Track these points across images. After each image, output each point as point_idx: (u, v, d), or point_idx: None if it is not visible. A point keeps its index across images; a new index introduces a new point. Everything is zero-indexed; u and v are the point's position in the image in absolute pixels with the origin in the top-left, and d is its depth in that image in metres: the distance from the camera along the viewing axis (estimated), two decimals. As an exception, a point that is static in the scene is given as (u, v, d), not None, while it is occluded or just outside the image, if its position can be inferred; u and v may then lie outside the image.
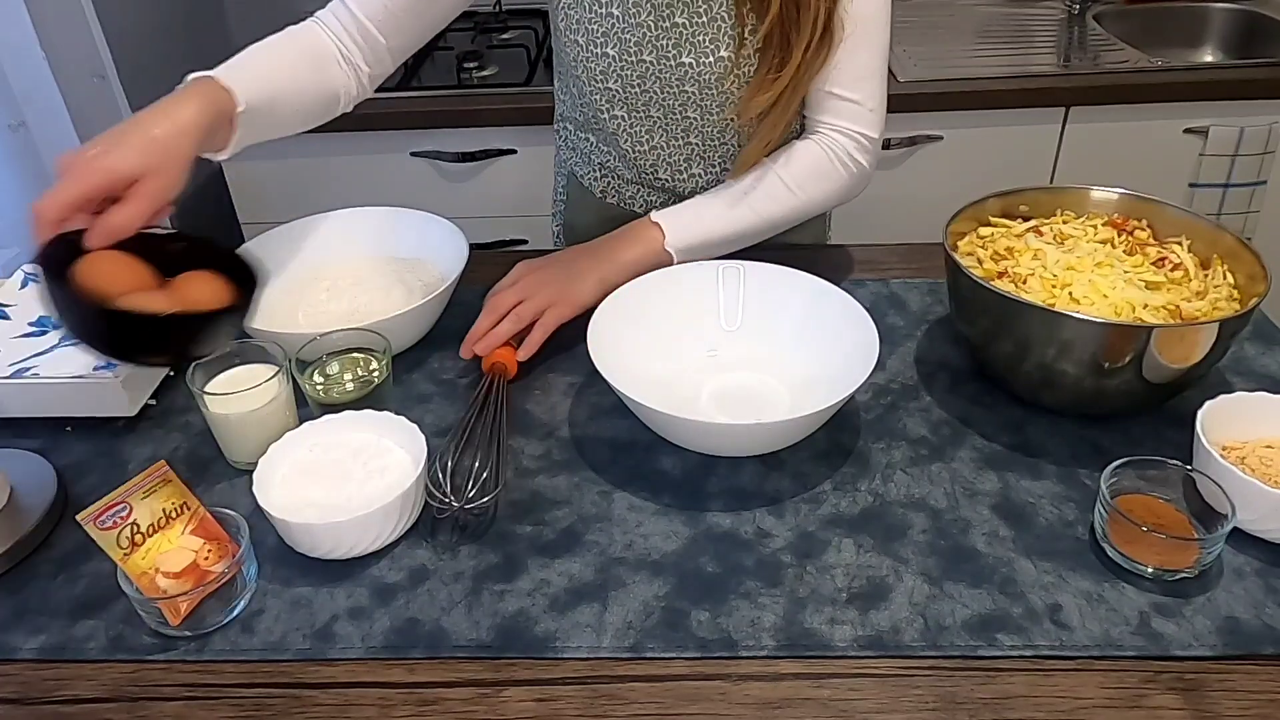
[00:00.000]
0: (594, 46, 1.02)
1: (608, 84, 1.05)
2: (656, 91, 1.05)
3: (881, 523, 0.81)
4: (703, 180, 1.14)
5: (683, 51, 1.01)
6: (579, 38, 1.03)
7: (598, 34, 1.02)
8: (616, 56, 1.02)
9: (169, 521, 0.75)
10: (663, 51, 1.01)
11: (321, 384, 0.92)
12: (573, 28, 1.02)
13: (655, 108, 1.07)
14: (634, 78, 1.03)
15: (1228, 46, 2.14)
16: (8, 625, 0.75)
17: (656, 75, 1.03)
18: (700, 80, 1.02)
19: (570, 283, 0.99)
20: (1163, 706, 0.66)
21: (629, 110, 1.08)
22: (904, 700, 0.67)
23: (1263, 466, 0.79)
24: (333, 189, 1.91)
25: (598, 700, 0.68)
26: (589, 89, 1.07)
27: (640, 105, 1.07)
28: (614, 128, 1.10)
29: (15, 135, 1.67)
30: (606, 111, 1.08)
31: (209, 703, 0.69)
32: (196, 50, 2.13)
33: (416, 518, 0.82)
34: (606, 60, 1.03)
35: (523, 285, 0.99)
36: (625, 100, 1.06)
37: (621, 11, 1.00)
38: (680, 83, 1.03)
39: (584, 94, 1.09)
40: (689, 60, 1.01)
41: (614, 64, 1.02)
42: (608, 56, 1.02)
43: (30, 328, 1.00)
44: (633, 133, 1.10)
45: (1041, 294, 0.88)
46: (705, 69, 1.01)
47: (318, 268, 1.12)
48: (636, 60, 1.02)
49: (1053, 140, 1.86)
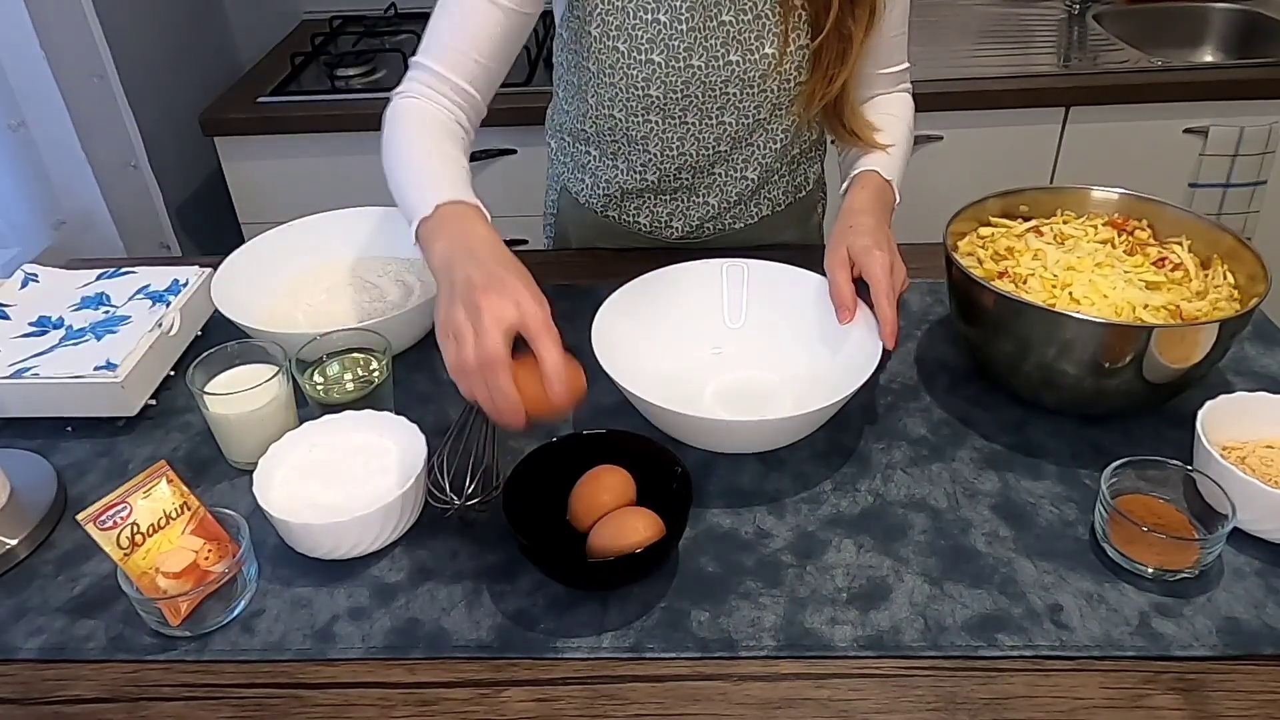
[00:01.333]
0: (637, 54, 1.01)
1: (649, 90, 1.03)
2: (697, 96, 1.04)
3: (882, 523, 0.81)
4: (721, 181, 1.14)
5: (730, 50, 1.01)
6: (619, 44, 1.01)
7: (643, 40, 1.00)
8: (663, 63, 1.01)
9: (169, 521, 0.75)
10: (711, 52, 1.01)
11: (321, 384, 0.92)
12: (612, 34, 1.01)
13: (692, 113, 1.06)
14: (678, 83, 1.03)
15: (1228, 46, 2.14)
16: (8, 625, 0.75)
17: (702, 80, 1.03)
18: (744, 79, 1.03)
19: (895, 253, 0.97)
20: (1163, 706, 0.66)
21: (664, 116, 1.07)
22: (904, 700, 0.67)
23: (1263, 466, 0.79)
24: (333, 189, 1.90)
25: (598, 700, 0.68)
26: (624, 95, 1.05)
27: (677, 112, 1.06)
28: (644, 132, 1.09)
29: (15, 135, 1.67)
30: (640, 117, 1.07)
31: (209, 703, 0.69)
32: (197, 50, 2.14)
33: (416, 518, 0.82)
34: (651, 66, 1.01)
35: (882, 266, 0.92)
36: (663, 107, 1.05)
37: (669, 18, 0.99)
38: (724, 84, 1.03)
39: (614, 101, 1.06)
40: (736, 59, 1.01)
41: (659, 70, 1.02)
42: (653, 63, 1.01)
43: (30, 328, 1.00)
44: (664, 139, 1.09)
45: (1042, 294, 0.88)
46: (751, 66, 1.02)
47: (318, 268, 1.12)
48: (684, 65, 1.01)
49: (1053, 140, 1.86)
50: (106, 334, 0.98)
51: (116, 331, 0.98)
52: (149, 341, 0.97)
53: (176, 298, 1.04)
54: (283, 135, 1.88)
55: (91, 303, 1.04)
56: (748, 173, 1.13)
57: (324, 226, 1.14)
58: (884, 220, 1.00)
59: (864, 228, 0.96)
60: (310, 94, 1.91)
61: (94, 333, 0.98)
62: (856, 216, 0.99)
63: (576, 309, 1.09)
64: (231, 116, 1.88)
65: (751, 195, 1.16)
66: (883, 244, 0.94)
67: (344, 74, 1.96)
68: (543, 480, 0.80)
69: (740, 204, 1.17)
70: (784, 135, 1.11)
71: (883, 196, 1.03)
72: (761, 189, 1.16)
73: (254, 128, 1.87)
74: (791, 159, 1.16)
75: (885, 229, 0.98)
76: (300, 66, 2.01)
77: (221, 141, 1.89)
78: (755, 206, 1.18)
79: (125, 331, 0.98)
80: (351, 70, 1.97)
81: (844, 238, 0.96)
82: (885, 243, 0.95)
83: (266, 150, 1.90)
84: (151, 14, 1.95)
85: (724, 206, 1.16)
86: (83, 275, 1.09)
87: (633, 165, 1.13)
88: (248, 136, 1.89)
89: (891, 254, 0.94)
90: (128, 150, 1.84)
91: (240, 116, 1.87)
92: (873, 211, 1.00)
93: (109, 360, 0.93)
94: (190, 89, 2.05)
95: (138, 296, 1.04)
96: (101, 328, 0.99)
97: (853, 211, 1.00)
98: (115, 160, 1.83)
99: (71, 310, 1.03)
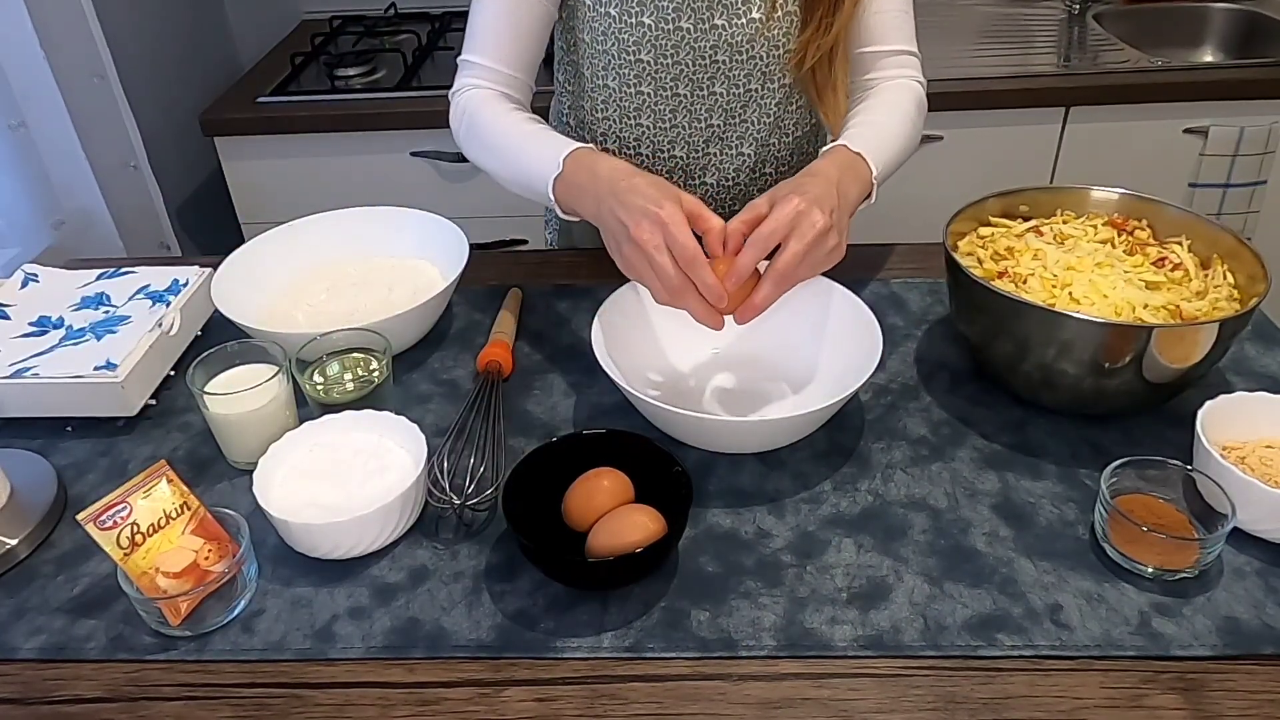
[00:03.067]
0: (628, 17, 1.03)
1: (640, 55, 1.05)
2: (687, 64, 1.05)
3: (881, 523, 0.81)
4: (716, 160, 1.14)
5: (715, 13, 1.02)
6: (611, 9, 1.03)
7: (633, 3, 1.02)
8: (653, 25, 1.02)
9: (169, 521, 0.75)
10: (699, 15, 1.02)
11: (321, 384, 0.92)
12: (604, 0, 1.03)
13: (684, 83, 1.07)
14: (668, 47, 1.04)
15: (1228, 46, 2.13)
16: (8, 625, 0.75)
17: (690, 45, 1.03)
18: (731, 44, 1.03)
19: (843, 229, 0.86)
20: (1163, 706, 0.66)
21: (656, 87, 1.08)
22: (904, 700, 0.67)
23: (1263, 466, 0.79)
24: (333, 189, 1.91)
25: (598, 700, 0.68)
26: (619, 62, 1.07)
27: (669, 80, 1.07)
28: (637, 104, 1.10)
29: (15, 135, 1.67)
30: (633, 87, 1.09)
31: (209, 703, 0.69)
32: (197, 50, 2.14)
33: (416, 518, 0.82)
34: (642, 29, 1.03)
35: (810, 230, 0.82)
36: (654, 75, 1.07)
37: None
38: (713, 50, 1.04)
39: (609, 73, 1.08)
40: (721, 22, 1.02)
41: (649, 33, 1.03)
42: (643, 25, 1.03)
43: (30, 328, 1.00)
44: (656, 110, 1.10)
45: (1041, 294, 0.88)
46: (737, 30, 1.03)
47: (318, 268, 1.12)
48: (674, 28, 1.03)
49: (1053, 140, 1.86)
50: (106, 334, 0.98)
51: (116, 331, 0.98)
52: (149, 341, 0.97)
53: (176, 298, 1.04)
54: (283, 135, 1.88)
55: (91, 303, 1.04)
56: (744, 148, 1.14)
57: (324, 226, 1.14)
58: (839, 188, 0.87)
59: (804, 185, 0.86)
60: (310, 94, 1.91)
61: (94, 333, 0.98)
62: (804, 176, 0.88)
63: (576, 309, 1.09)
64: (231, 116, 1.88)
65: (750, 176, 1.16)
66: (813, 199, 0.82)
67: (344, 74, 1.96)
68: (543, 480, 0.80)
69: (739, 185, 1.17)
70: (776, 109, 1.11)
71: (850, 169, 0.91)
72: (760, 167, 1.16)
73: (254, 128, 1.87)
74: (793, 140, 1.16)
75: (833, 194, 0.85)
76: (300, 66, 2.01)
77: (221, 141, 1.89)
78: (756, 190, 1.18)
79: (125, 331, 0.98)
80: (351, 70, 1.97)
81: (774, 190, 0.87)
82: (820, 201, 0.83)
83: (266, 150, 1.90)
84: (151, 14, 1.95)
85: (723, 186, 1.17)
86: (83, 275, 1.09)
87: (625, 142, 1.14)
88: (248, 136, 1.89)
89: (823, 215, 0.82)
90: (128, 150, 1.84)
91: (240, 116, 1.87)
92: (828, 176, 0.88)
93: (109, 360, 0.93)
94: (190, 89, 2.05)
95: (138, 296, 1.04)
96: (101, 328, 0.99)
97: (805, 172, 0.90)
98: (115, 160, 1.83)
99: (71, 310, 1.03)
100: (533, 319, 1.08)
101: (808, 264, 0.83)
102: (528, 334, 1.06)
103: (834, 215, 0.84)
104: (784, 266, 0.82)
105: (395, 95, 1.88)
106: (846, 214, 0.88)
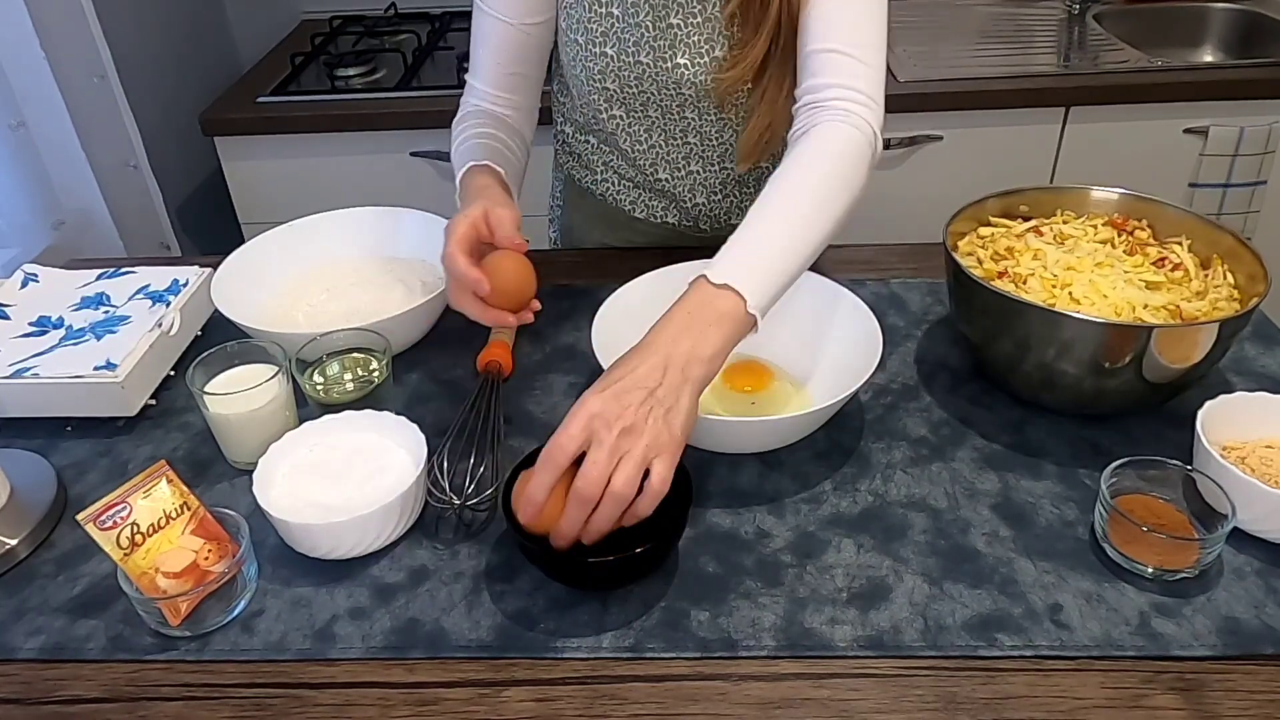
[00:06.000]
0: (593, 46, 1.03)
1: (605, 84, 1.05)
2: (654, 93, 1.05)
3: (881, 523, 0.81)
4: (701, 177, 1.14)
5: (678, 53, 1.01)
6: (578, 36, 1.03)
7: (597, 33, 1.02)
8: (615, 56, 1.02)
9: (169, 521, 0.75)
10: (659, 53, 1.01)
11: (321, 384, 0.92)
12: (573, 26, 1.03)
13: (653, 108, 1.07)
14: (631, 78, 1.04)
15: (1228, 46, 2.13)
16: (8, 625, 0.75)
17: (653, 77, 1.03)
18: (696, 82, 1.02)
19: (667, 414, 0.70)
20: (1163, 706, 0.66)
21: (627, 110, 1.08)
22: (904, 700, 0.67)
23: (1263, 466, 0.79)
24: (333, 189, 1.90)
25: (598, 700, 0.68)
26: (587, 88, 1.07)
27: (638, 105, 1.07)
28: (613, 127, 1.10)
29: (15, 135, 1.67)
30: (605, 111, 1.09)
31: (209, 703, 0.69)
32: (197, 50, 2.14)
33: (416, 518, 0.82)
34: (605, 60, 1.03)
35: (606, 434, 0.68)
36: (623, 100, 1.07)
37: (621, 11, 1.00)
38: (677, 85, 1.03)
39: (582, 94, 1.09)
40: (684, 61, 1.01)
41: (612, 64, 1.03)
42: (606, 56, 1.03)
43: (30, 328, 1.00)
44: (631, 132, 1.10)
45: (1041, 294, 0.88)
46: (700, 69, 1.02)
47: (318, 268, 1.12)
48: (634, 61, 1.02)
49: (1053, 140, 1.86)
50: (106, 334, 0.98)
51: (116, 331, 0.98)
52: (149, 341, 0.97)
53: (176, 298, 1.04)
54: (283, 135, 1.88)
55: (91, 303, 1.04)
56: (727, 163, 1.13)
57: (324, 226, 1.14)
58: (670, 360, 0.71)
59: (612, 373, 0.72)
60: (310, 94, 1.91)
61: (94, 333, 0.98)
62: (628, 354, 0.74)
63: (576, 309, 1.09)
64: (231, 116, 1.88)
65: (740, 186, 1.15)
66: (613, 394, 0.69)
67: (344, 74, 1.96)
68: None
69: (729, 196, 1.16)
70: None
71: (701, 313, 0.75)
72: (751, 174, 1.16)
73: (254, 128, 1.87)
74: (779, 152, 1.15)
75: (655, 374, 0.71)
76: (300, 66, 2.01)
77: (221, 141, 1.89)
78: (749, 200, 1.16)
79: (125, 331, 0.98)
80: (351, 70, 1.97)
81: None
82: (622, 394, 0.69)
83: (266, 150, 1.90)
84: (151, 14, 1.95)
85: (713, 203, 1.16)
86: (83, 275, 1.09)
87: (617, 156, 1.15)
88: (248, 136, 1.89)
89: (620, 413, 0.68)
90: (128, 150, 1.84)
91: (240, 116, 1.87)
92: (656, 346, 0.72)
93: (109, 360, 0.93)
94: (190, 89, 2.05)
95: (138, 296, 1.04)
96: (101, 328, 0.99)
97: (638, 346, 0.74)
98: (115, 160, 1.83)
99: (71, 310, 1.03)
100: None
101: (621, 474, 0.67)
102: (528, 334, 1.06)
103: (645, 405, 0.69)
104: (582, 485, 0.68)
105: (395, 95, 1.88)
106: (684, 387, 0.72)
